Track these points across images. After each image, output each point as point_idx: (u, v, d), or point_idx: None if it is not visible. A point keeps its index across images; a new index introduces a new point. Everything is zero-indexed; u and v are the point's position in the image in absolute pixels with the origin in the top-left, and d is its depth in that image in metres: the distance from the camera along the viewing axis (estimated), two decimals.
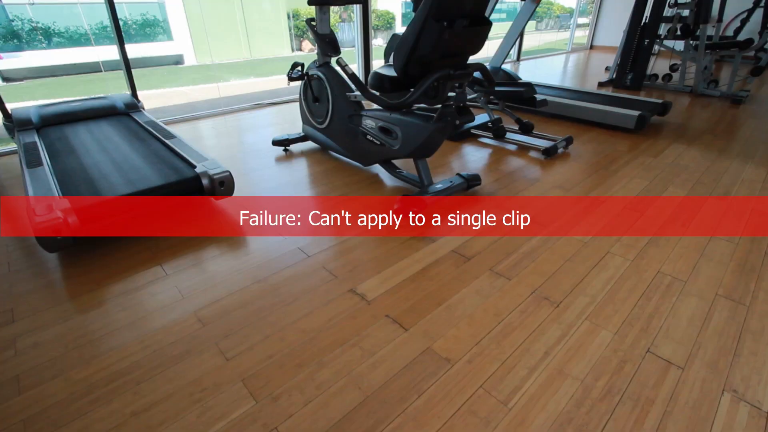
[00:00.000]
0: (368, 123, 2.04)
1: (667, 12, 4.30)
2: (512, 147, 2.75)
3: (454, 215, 1.87)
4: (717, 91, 4.21)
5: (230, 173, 1.83)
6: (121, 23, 2.89)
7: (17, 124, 2.42)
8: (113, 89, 6.17)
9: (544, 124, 3.26)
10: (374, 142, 2.03)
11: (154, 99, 5.04)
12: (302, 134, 2.67)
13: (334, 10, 2.31)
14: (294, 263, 1.53)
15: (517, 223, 1.79)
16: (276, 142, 2.65)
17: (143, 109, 2.86)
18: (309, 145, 2.75)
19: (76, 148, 2.16)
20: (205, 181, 1.79)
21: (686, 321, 1.25)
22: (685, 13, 4.21)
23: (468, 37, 1.63)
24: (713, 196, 2.05)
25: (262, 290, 1.39)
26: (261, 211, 1.90)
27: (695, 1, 4.07)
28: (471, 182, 2.05)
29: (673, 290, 1.38)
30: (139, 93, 3.06)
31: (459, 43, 1.62)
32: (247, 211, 1.90)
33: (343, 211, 1.90)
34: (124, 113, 2.74)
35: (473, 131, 2.97)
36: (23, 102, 5.20)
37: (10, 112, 2.55)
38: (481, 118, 3.01)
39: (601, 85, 4.80)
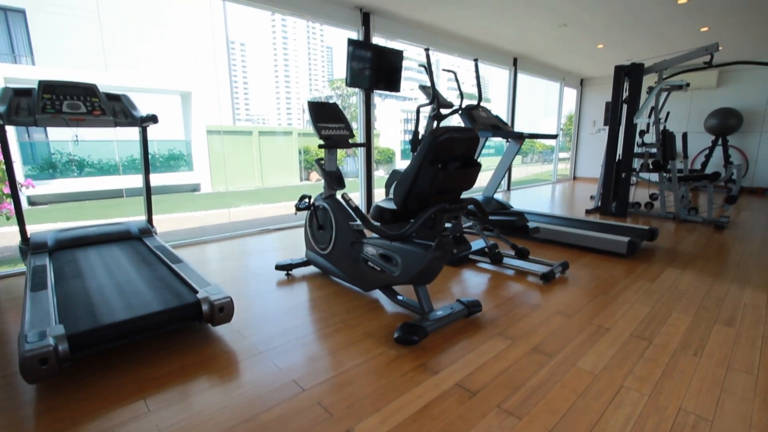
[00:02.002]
0: (369, 250, 2.13)
1: (637, 149, 4.85)
2: (510, 272, 2.80)
3: (455, 344, 1.81)
4: (699, 218, 4.46)
5: (231, 299, 1.84)
6: (149, 157, 3.25)
7: (32, 248, 2.52)
8: (131, 213, 6.55)
9: (539, 249, 3.38)
10: (375, 269, 2.09)
11: (168, 223, 5.32)
12: (305, 259, 2.76)
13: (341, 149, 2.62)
14: (288, 398, 1.43)
15: (523, 353, 1.73)
16: (279, 267, 2.72)
17: (156, 234, 3.00)
18: (311, 269, 2.81)
19: (83, 272, 2.21)
20: (204, 307, 1.78)
21: None
22: (653, 150, 4.74)
23: (460, 177, 1.82)
24: (720, 323, 2.01)
25: (249, 431, 1.27)
26: (258, 339, 1.85)
27: (660, 141, 4.62)
28: (471, 308, 2.04)
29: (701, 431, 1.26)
30: (154, 217, 3.25)
31: (452, 181, 1.80)
32: (244, 339, 1.85)
33: (342, 339, 1.85)
34: (137, 238, 2.87)
35: (471, 256, 3.07)
36: (41, 224, 5.48)
37: (29, 236, 2.67)
38: (478, 243, 3.13)
39: (588, 212, 5.11)
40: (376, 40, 4.63)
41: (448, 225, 1.86)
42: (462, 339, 1.85)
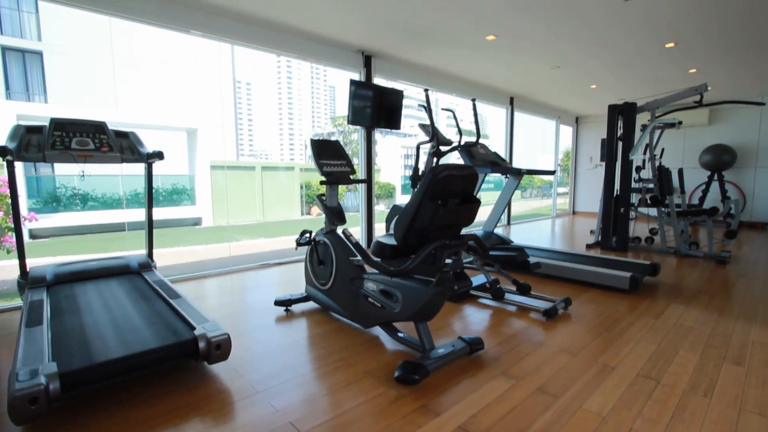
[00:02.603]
0: (369, 286, 2.12)
1: (635, 185, 4.91)
2: (512, 308, 2.77)
3: (458, 384, 1.76)
4: (700, 252, 4.45)
5: (228, 336, 1.81)
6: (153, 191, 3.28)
7: (30, 282, 2.50)
8: (132, 247, 6.55)
9: (540, 284, 3.35)
10: (375, 305, 2.06)
11: (168, 257, 5.30)
12: (305, 294, 2.73)
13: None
14: None
15: (527, 393, 1.68)
16: (278, 302, 2.69)
17: (155, 268, 2.99)
18: (310, 305, 2.78)
19: (80, 308, 2.18)
20: (201, 344, 1.75)
21: None
22: (651, 185, 4.80)
23: (460, 213, 1.84)
24: (729, 362, 1.96)
25: None
26: (255, 378, 1.80)
27: (656, 177, 4.69)
28: (473, 346, 2.00)
29: None
30: (155, 251, 3.24)
31: (452, 217, 1.82)
32: (241, 377, 1.80)
33: (341, 378, 1.80)
34: (136, 272, 2.85)
35: (472, 292, 3.03)
36: (41, 258, 5.47)
37: (28, 270, 2.65)
38: (479, 279, 3.11)
39: (589, 246, 5.10)
40: (378, 80, 4.82)
41: (448, 261, 1.86)
42: (464, 378, 1.80)
